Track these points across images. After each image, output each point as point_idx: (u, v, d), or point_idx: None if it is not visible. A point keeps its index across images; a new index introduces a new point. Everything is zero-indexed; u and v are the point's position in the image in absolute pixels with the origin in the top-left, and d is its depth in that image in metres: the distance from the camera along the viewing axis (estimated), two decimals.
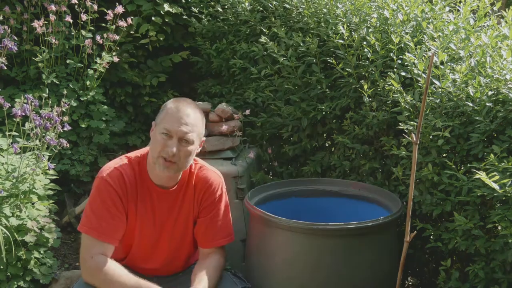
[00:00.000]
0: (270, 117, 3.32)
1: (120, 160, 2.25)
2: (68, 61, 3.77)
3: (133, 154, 2.29)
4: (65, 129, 3.12)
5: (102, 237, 2.15)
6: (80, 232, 2.21)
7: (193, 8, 4.06)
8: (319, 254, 2.36)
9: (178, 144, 2.13)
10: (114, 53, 3.78)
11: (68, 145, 3.10)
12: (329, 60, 2.99)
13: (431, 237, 2.54)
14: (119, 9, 3.73)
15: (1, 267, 2.71)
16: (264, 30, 3.45)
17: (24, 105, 2.88)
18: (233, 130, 3.16)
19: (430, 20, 2.94)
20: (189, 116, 2.15)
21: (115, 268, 2.13)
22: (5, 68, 3.20)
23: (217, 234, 2.35)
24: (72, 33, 3.83)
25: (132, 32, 3.99)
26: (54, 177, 3.11)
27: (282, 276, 2.43)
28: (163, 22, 4.03)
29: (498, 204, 2.29)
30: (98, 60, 3.76)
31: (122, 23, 3.77)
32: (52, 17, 3.68)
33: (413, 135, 2.08)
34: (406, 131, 2.51)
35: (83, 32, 3.81)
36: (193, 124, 2.16)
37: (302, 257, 2.38)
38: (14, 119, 2.88)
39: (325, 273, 2.36)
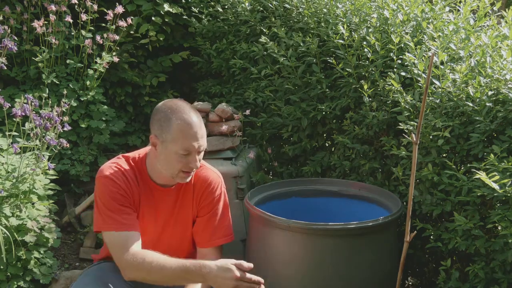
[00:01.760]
0: (270, 117, 3.32)
1: (119, 160, 2.23)
2: (68, 61, 3.77)
3: (130, 154, 2.28)
4: (65, 129, 3.12)
5: (125, 227, 2.08)
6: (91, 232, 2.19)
7: (193, 8, 4.06)
8: (319, 254, 2.36)
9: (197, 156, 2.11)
10: (114, 53, 3.78)
11: (68, 145, 3.09)
12: (329, 60, 2.99)
13: (431, 237, 2.54)
14: (119, 9, 3.73)
15: (1, 267, 2.71)
16: (264, 30, 3.45)
17: (24, 105, 2.88)
18: (233, 130, 3.16)
19: (430, 20, 2.94)
20: (200, 127, 2.08)
21: (153, 254, 2.07)
22: (5, 68, 3.20)
23: (215, 234, 2.32)
24: (72, 33, 3.83)
25: (132, 32, 3.99)
26: (54, 177, 3.11)
27: (282, 276, 2.43)
28: (163, 22, 4.03)
29: (498, 204, 2.29)
30: (98, 60, 3.76)
31: (122, 23, 3.77)
32: (52, 17, 3.68)
33: (413, 135, 2.08)
34: (406, 131, 2.51)
35: (83, 32, 3.81)
36: (204, 131, 2.12)
37: (302, 257, 2.39)
38: (14, 119, 2.88)
39: (325, 273, 2.36)
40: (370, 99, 2.84)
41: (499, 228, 2.30)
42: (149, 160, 2.20)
